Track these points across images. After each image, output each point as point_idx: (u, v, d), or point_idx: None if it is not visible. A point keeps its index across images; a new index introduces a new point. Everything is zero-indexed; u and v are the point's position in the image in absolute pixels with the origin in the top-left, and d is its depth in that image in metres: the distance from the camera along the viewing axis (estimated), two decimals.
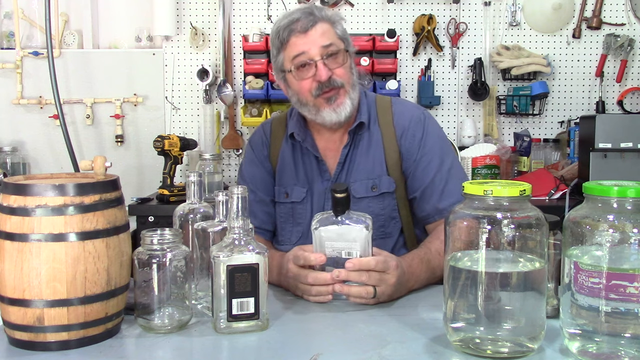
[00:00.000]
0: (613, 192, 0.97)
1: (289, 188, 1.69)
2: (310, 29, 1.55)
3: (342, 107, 1.58)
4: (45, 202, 1.04)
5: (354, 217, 1.28)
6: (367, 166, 1.64)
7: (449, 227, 1.06)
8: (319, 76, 1.55)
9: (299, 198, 1.67)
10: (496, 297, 1.01)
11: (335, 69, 1.56)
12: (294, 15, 1.57)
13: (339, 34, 1.60)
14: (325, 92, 1.56)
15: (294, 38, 1.56)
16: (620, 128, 2.71)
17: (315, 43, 1.54)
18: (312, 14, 1.57)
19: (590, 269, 0.97)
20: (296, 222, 1.68)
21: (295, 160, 1.70)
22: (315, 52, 1.55)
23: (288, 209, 1.69)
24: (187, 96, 3.35)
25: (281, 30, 1.57)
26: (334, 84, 1.56)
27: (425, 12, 3.28)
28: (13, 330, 1.07)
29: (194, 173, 1.35)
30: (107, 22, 3.39)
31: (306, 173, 1.69)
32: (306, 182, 1.68)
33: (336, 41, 1.58)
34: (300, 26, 1.55)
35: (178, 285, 1.16)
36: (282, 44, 1.58)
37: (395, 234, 1.65)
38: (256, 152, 1.77)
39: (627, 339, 0.96)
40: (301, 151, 1.70)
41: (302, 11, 1.58)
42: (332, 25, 1.59)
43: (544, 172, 3.05)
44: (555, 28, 3.32)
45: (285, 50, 1.58)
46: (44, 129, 3.33)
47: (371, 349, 1.06)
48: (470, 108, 3.37)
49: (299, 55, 1.55)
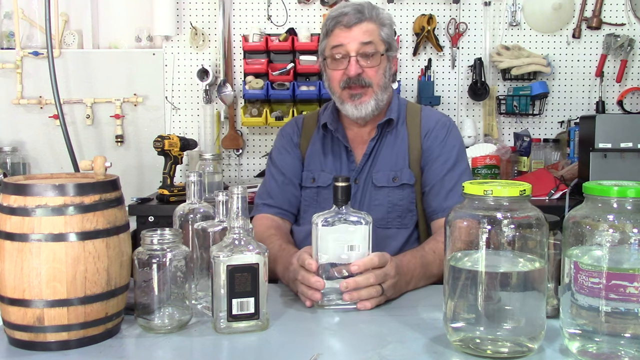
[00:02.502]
0: (613, 192, 0.97)
1: (316, 173, 1.77)
2: (354, 25, 1.64)
3: (364, 105, 1.66)
4: (46, 202, 1.04)
5: (353, 213, 1.29)
6: (390, 159, 1.72)
7: (449, 227, 1.06)
8: (348, 71, 1.64)
9: (325, 183, 1.74)
10: (496, 297, 1.01)
11: (367, 68, 1.65)
12: (345, 9, 1.66)
13: (383, 36, 1.67)
14: (351, 87, 1.65)
15: (337, 30, 1.65)
16: (620, 128, 2.71)
17: (355, 39, 1.63)
18: (362, 12, 1.65)
19: (590, 269, 0.97)
20: (320, 206, 1.73)
21: (324, 149, 1.79)
22: (352, 48, 1.63)
23: (314, 193, 1.76)
24: (187, 96, 3.35)
25: (329, 20, 1.67)
26: (362, 82, 1.65)
27: (425, 12, 3.28)
28: (13, 330, 1.07)
29: (194, 173, 1.35)
30: (107, 22, 3.39)
31: (334, 161, 1.77)
32: (333, 169, 1.76)
33: (377, 42, 1.66)
34: (346, 20, 1.64)
35: (178, 285, 1.16)
36: (327, 33, 1.68)
37: (411, 226, 1.71)
38: (286, 139, 1.86)
39: (627, 339, 0.97)
40: (331, 140, 1.78)
41: (354, 7, 1.66)
42: (378, 27, 1.67)
43: (544, 172, 3.05)
44: (555, 28, 3.32)
45: (329, 38, 1.67)
46: (44, 129, 3.33)
47: (371, 349, 1.06)
48: (470, 108, 3.37)
49: (337, 46, 1.64)
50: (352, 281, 1.25)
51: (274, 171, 1.81)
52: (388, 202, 1.70)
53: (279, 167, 1.81)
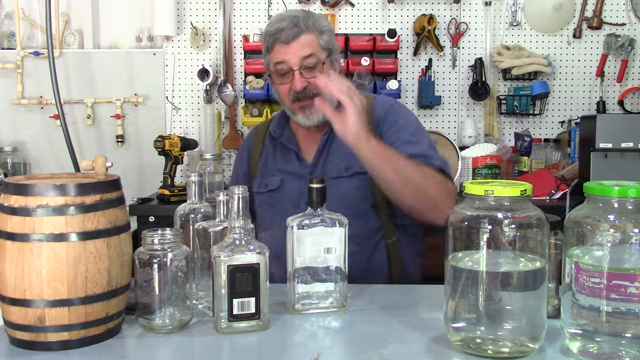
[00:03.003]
0: (614, 192, 0.97)
1: (267, 179, 1.81)
2: (293, 40, 1.66)
3: (315, 114, 1.70)
4: (46, 202, 1.04)
5: (328, 215, 1.27)
6: (344, 151, 1.70)
7: (449, 227, 1.06)
8: (294, 86, 1.67)
9: (275, 185, 1.78)
10: (497, 297, 1.01)
11: (312, 79, 1.66)
12: (281, 24, 1.67)
13: (322, 44, 1.69)
14: (300, 100, 1.68)
15: (277, 46, 1.67)
16: (620, 128, 2.71)
17: (295, 54, 1.66)
18: (298, 25, 1.66)
19: (591, 269, 0.97)
20: (273, 208, 1.77)
21: (275, 155, 1.83)
22: (294, 62, 1.66)
23: (266, 197, 1.79)
24: (187, 96, 3.35)
25: (268, 37, 1.70)
26: (309, 94, 1.67)
27: (426, 12, 3.28)
28: (14, 330, 1.07)
29: (194, 173, 1.35)
30: (107, 22, 3.39)
31: (284, 163, 1.80)
32: (282, 171, 1.79)
33: (318, 52, 1.68)
34: (284, 36, 1.66)
35: (179, 285, 1.16)
36: (268, 49, 1.71)
37: (368, 214, 1.71)
38: (240, 152, 1.97)
39: (628, 339, 0.96)
40: (280, 146, 1.83)
41: (290, 20, 1.67)
42: (317, 36, 1.68)
43: (544, 172, 3.05)
44: (555, 28, 3.32)
45: (270, 55, 1.70)
46: (44, 129, 3.34)
47: (372, 349, 1.06)
48: (470, 108, 3.37)
49: (279, 63, 1.67)
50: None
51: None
52: (341, 192, 1.68)
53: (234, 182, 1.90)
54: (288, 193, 1.74)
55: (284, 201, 1.74)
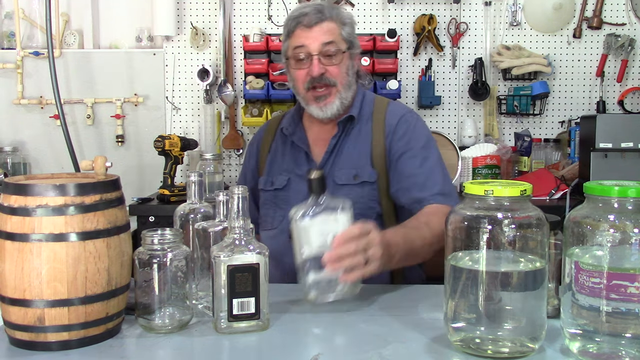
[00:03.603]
0: (614, 192, 0.97)
1: (274, 177, 1.78)
2: (315, 25, 1.65)
3: (329, 106, 1.68)
4: (46, 202, 1.04)
5: (331, 202, 1.25)
6: (352, 156, 1.72)
7: (449, 227, 1.06)
8: (311, 71, 1.65)
9: (281, 185, 1.75)
10: (497, 297, 1.01)
11: (330, 67, 1.66)
12: (305, 9, 1.67)
13: (344, 35, 1.69)
14: (316, 87, 1.66)
15: (298, 30, 1.66)
16: (620, 128, 2.70)
17: (316, 39, 1.64)
18: (322, 12, 1.66)
19: (591, 269, 0.97)
20: (279, 207, 1.74)
21: (284, 152, 1.80)
22: (313, 47, 1.65)
23: (272, 195, 1.77)
24: (187, 96, 3.35)
25: (290, 20, 1.69)
26: (326, 82, 1.66)
27: (426, 12, 3.28)
28: (14, 330, 1.07)
29: (194, 173, 1.35)
30: (107, 22, 3.39)
31: (292, 162, 1.78)
32: (289, 170, 1.77)
33: (339, 41, 1.67)
34: (307, 20, 1.65)
35: (179, 285, 1.16)
36: (289, 33, 1.69)
37: (375, 223, 1.65)
38: (249, 148, 1.93)
39: (628, 339, 0.96)
40: (291, 144, 1.79)
41: (314, 7, 1.67)
42: (339, 26, 1.68)
43: (544, 172, 3.05)
44: (555, 28, 3.32)
45: (290, 39, 1.69)
46: (44, 129, 3.33)
47: (372, 349, 1.06)
48: (470, 108, 3.37)
49: (299, 47, 1.66)
50: (333, 254, 1.18)
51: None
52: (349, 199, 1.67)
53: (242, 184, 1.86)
54: (295, 194, 1.72)
55: (291, 202, 1.70)
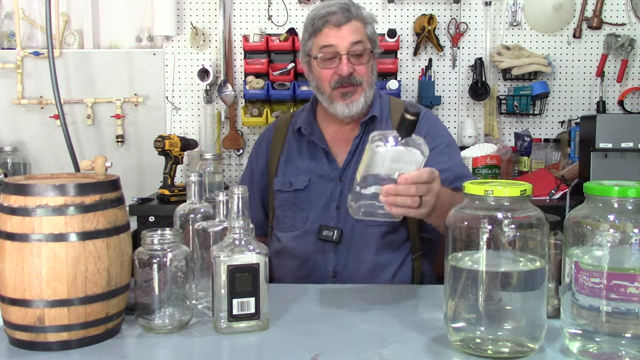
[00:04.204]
0: (614, 192, 0.97)
1: (293, 177, 1.76)
2: (344, 24, 1.64)
3: (355, 103, 1.67)
4: (46, 202, 1.04)
5: (412, 141, 1.22)
6: None
7: (449, 227, 1.06)
8: (340, 70, 1.63)
9: (302, 185, 1.73)
10: (497, 297, 1.01)
11: (358, 67, 1.65)
12: (332, 8, 1.65)
13: (368, 34, 1.68)
14: (344, 86, 1.65)
15: (327, 29, 1.64)
16: (620, 128, 2.70)
17: (346, 38, 1.63)
18: (349, 11, 1.65)
19: (591, 269, 0.97)
20: (299, 208, 1.73)
21: (301, 152, 1.78)
22: (343, 47, 1.63)
23: (291, 197, 1.75)
24: (187, 96, 3.35)
25: (317, 19, 1.66)
26: (353, 81, 1.65)
27: (426, 12, 3.28)
28: (14, 330, 1.07)
29: (194, 173, 1.35)
30: (107, 22, 3.39)
31: (312, 163, 1.75)
32: (310, 171, 1.74)
33: (365, 40, 1.67)
34: (335, 19, 1.64)
35: (178, 285, 1.16)
36: (315, 32, 1.66)
37: (399, 226, 1.68)
38: (256, 149, 1.89)
39: (627, 339, 0.96)
40: (308, 143, 1.77)
41: (340, 6, 1.66)
42: (364, 25, 1.68)
43: (544, 172, 3.05)
44: (555, 28, 3.32)
45: (317, 37, 1.66)
46: (44, 129, 3.33)
47: (372, 349, 1.06)
48: (470, 108, 3.37)
49: (328, 46, 1.64)
50: (393, 187, 1.19)
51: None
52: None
53: (247, 182, 1.83)
54: (317, 195, 1.71)
55: (312, 202, 1.70)
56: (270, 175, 1.81)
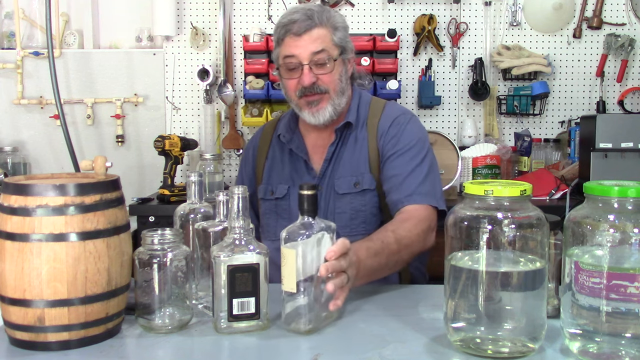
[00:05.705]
0: (614, 192, 0.97)
1: (274, 186, 1.75)
2: (304, 33, 1.60)
3: (322, 112, 1.64)
4: (46, 202, 1.04)
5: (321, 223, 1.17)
6: (352, 164, 1.69)
7: (449, 227, 1.06)
8: (302, 81, 1.62)
9: (281, 194, 1.73)
10: (497, 297, 1.01)
11: (322, 75, 1.62)
12: (294, 16, 1.61)
13: (335, 40, 1.63)
14: (307, 95, 1.63)
15: (288, 38, 1.62)
16: (620, 128, 2.70)
17: (306, 48, 1.60)
18: (311, 18, 1.60)
19: (591, 269, 0.97)
20: (280, 217, 1.73)
21: (282, 160, 1.77)
22: (303, 57, 1.60)
23: (272, 205, 1.75)
24: (187, 96, 3.35)
25: (280, 28, 1.64)
26: (318, 90, 1.63)
27: (426, 12, 3.28)
28: (14, 330, 1.07)
29: (194, 173, 1.35)
30: (107, 22, 3.39)
31: (291, 171, 1.74)
32: (290, 179, 1.74)
33: (330, 48, 1.62)
34: (296, 28, 1.60)
35: (179, 285, 1.16)
36: (279, 41, 1.66)
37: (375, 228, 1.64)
38: (245, 155, 1.90)
39: (627, 339, 0.96)
40: (289, 151, 1.76)
41: (303, 13, 1.61)
42: (330, 31, 1.63)
43: (544, 172, 3.05)
44: (555, 28, 3.32)
45: (280, 47, 1.65)
46: (44, 129, 3.33)
47: (372, 349, 1.06)
48: (470, 108, 3.37)
49: (289, 56, 1.62)
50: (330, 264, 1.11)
51: None
52: (351, 208, 1.65)
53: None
54: (296, 203, 1.66)
55: (293, 211, 1.68)
56: (257, 182, 1.81)
